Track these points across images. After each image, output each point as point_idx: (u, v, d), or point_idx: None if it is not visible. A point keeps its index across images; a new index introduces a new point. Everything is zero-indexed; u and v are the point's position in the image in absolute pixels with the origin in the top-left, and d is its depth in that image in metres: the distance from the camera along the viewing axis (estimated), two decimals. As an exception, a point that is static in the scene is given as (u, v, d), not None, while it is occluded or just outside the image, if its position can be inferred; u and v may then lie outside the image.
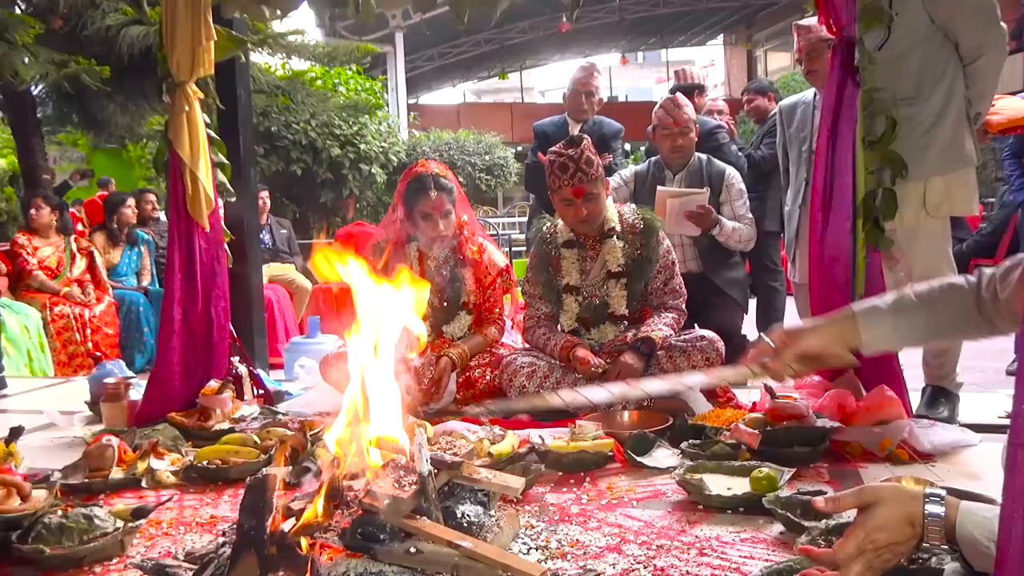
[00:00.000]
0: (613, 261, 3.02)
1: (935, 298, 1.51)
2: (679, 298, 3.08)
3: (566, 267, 3.06)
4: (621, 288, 3.01)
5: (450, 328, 3.20)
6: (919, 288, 1.54)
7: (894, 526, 1.20)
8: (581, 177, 2.90)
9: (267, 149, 9.48)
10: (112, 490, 2.25)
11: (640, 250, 3.03)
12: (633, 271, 3.02)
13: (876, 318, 1.53)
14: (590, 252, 3.07)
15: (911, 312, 1.52)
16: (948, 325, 1.53)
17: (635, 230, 3.05)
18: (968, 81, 2.69)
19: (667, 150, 3.79)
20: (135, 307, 5.82)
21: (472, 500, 1.69)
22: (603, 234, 3.04)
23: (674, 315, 3.02)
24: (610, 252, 3.02)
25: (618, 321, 3.04)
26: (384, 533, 1.47)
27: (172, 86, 3.03)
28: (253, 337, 3.77)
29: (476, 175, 12.80)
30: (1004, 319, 1.45)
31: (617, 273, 3.01)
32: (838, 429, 2.29)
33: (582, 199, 2.93)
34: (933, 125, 2.66)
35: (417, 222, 3.12)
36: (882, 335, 1.53)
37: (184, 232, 3.05)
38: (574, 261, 3.06)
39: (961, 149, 2.69)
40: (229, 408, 2.90)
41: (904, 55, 2.62)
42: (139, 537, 1.87)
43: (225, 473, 2.31)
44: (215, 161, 3.17)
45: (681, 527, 1.81)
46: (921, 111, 2.66)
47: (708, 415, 2.60)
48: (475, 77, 24.62)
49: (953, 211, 2.74)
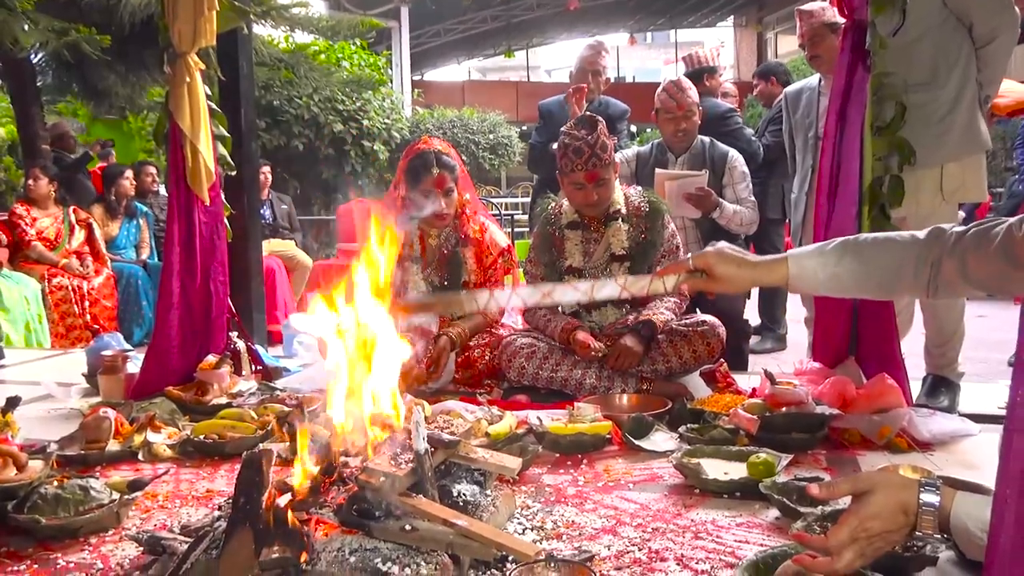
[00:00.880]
0: (617, 244, 3.01)
1: (872, 251, 1.54)
2: None
3: (569, 248, 3.06)
4: (624, 271, 3.01)
5: (450, 307, 3.20)
6: (863, 238, 1.57)
7: (888, 514, 1.21)
8: (595, 162, 2.88)
9: (269, 123, 9.44)
10: (108, 462, 2.26)
11: (645, 233, 3.02)
12: (637, 254, 3.02)
13: (807, 262, 1.59)
14: (594, 234, 3.07)
15: (842, 256, 1.56)
16: (879, 277, 1.55)
17: (640, 213, 3.04)
18: (980, 64, 2.68)
19: (670, 133, 3.78)
20: (134, 280, 5.83)
21: (468, 479, 1.70)
22: (608, 216, 3.04)
23: (676, 299, 3.02)
24: (615, 235, 3.02)
25: (619, 304, 3.04)
26: (380, 510, 1.48)
27: (173, 56, 3.01)
28: (252, 312, 3.78)
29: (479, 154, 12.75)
30: (968, 284, 1.46)
31: (621, 256, 3.01)
32: (837, 416, 2.30)
33: (594, 184, 2.91)
34: (950, 111, 2.66)
35: (418, 200, 3.11)
36: (810, 281, 1.59)
37: (184, 205, 3.05)
38: (577, 243, 3.06)
39: (976, 134, 2.69)
40: (227, 383, 2.91)
41: (918, 40, 2.61)
42: (135, 509, 1.89)
43: (221, 448, 2.33)
44: (216, 134, 3.16)
45: (677, 510, 1.82)
46: (937, 97, 2.65)
47: (707, 400, 2.61)
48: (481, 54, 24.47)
49: (966, 197, 2.74)
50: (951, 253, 1.45)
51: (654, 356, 2.92)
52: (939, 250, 1.47)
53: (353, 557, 1.39)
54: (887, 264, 1.52)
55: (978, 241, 1.42)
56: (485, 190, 13.83)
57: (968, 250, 1.43)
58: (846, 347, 2.63)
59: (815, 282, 1.59)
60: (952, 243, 1.46)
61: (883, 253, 1.52)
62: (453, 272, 3.21)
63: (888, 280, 1.53)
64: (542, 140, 4.44)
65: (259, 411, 2.61)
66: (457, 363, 3.08)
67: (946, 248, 1.46)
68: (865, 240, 1.55)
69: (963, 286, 1.46)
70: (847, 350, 2.63)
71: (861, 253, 1.53)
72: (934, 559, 1.41)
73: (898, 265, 1.51)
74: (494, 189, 15.24)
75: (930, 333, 2.85)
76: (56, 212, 5.66)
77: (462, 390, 3.03)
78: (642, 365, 2.90)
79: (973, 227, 1.45)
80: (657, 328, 2.89)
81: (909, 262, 1.50)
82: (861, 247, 1.54)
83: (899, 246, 1.51)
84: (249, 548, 1.34)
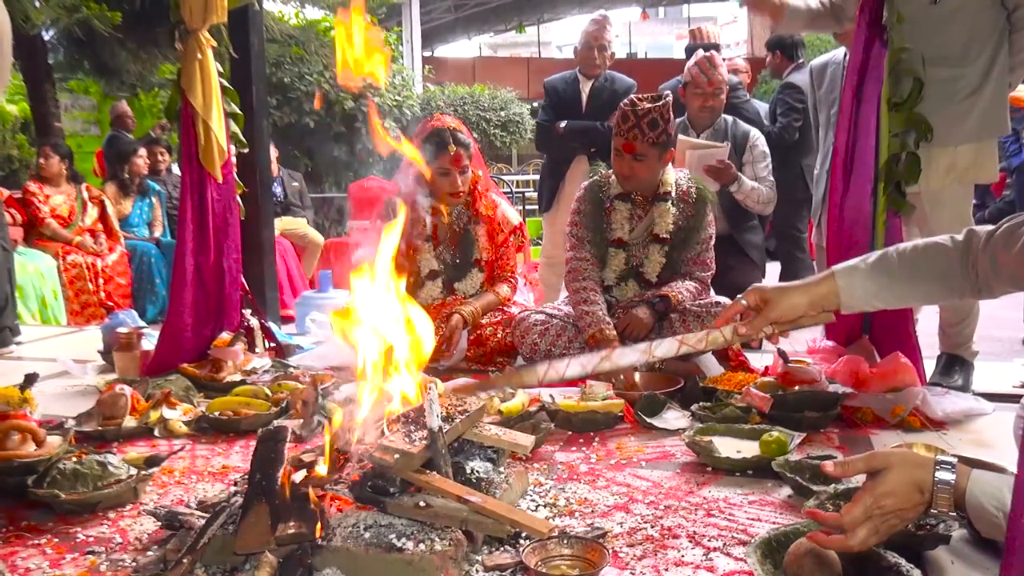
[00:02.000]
0: (663, 225, 2.99)
1: (918, 259, 1.51)
2: (707, 271, 3.07)
3: (617, 220, 3.04)
4: (661, 254, 3.00)
5: (462, 285, 3.21)
6: (902, 248, 1.53)
7: (903, 492, 1.21)
8: (636, 134, 2.85)
9: (280, 100, 9.41)
10: (125, 438, 2.29)
11: (689, 220, 3.01)
12: (678, 239, 3.01)
13: (855, 279, 1.52)
14: (639, 210, 3.05)
15: (892, 272, 1.52)
16: (928, 287, 1.53)
17: (688, 198, 3.02)
18: (1013, 48, 2.63)
19: (696, 108, 3.76)
20: (147, 258, 5.86)
21: (482, 457, 1.71)
22: (657, 196, 3.02)
23: (697, 285, 3.02)
24: (661, 216, 3.00)
25: (645, 284, 3.04)
26: (394, 487, 1.50)
27: (184, 33, 3.01)
28: (265, 290, 3.79)
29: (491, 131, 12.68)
30: (1001, 281, 1.45)
31: (663, 239, 2.99)
32: (850, 395, 2.29)
33: (631, 156, 2.89)
34: (975, 91, 2.61)
35: (434, 177, 3.10)
36: (861, 296, 1.52)
37: (196, 183, 3.05)
38: (626, 215, 3.04)
39: (998, 117, 2.65)
40: (241, 360, 2.93)
41: (953, 14, 2.56)
42: (152, 485, 1.91)
43: (236, 424, 2.35)
44: (228, 111, 3.15)
45: (689, 488, 1.83)
46: (965, 75, 2.61)
47: (720, 378, 2.61)
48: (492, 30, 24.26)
49: (979, 178, 2.71)
50: (983, 252, 1.45)
51: (665, 335, 2.92)
52: (974, 250, 1.46)
53: (368, 533, 1.40)
54: (935, 269, 1.50)
55: (1007, 239, 1.41)
56: (496, 168, 13.76)
57: (998, 248, 1.42)
58: (860, 326, 2.62)
59: (865, 294, 1.52)
60: (984, 242, 1.45)
61: (929, 260, 1.50)
62: (465, 250, 3.20)
63: (938, 285, 1.51)
64: (548, 119, 4.41)
65: (273, 388, 2.63)
66: (469, 341, 3.09)
67: (978, 248, 1.45)
68: (908, 248, 1.52)
69: (998, 283, 1.45)
70: (861, 329, 2.62)
71: (908, 262, 1.50)
72: (947, 537, 1.41)
73: (945, 269, 1.49)
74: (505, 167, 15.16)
75: (945, 312, 2.83)
76: (69, 190, 5.68)
77: (474, 368, 3.04)
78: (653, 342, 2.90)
79: (1004, 224, 1.44)
80: (672, 303, 2.89)
81: (955, 265, 1.48)
82: (906, 255, 1.51)
83: (942, 251, 1.50)
84: (265, 523, 1.36)
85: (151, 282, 5.83)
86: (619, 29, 23.70)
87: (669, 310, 2.90)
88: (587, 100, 4.36)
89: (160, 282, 5.82)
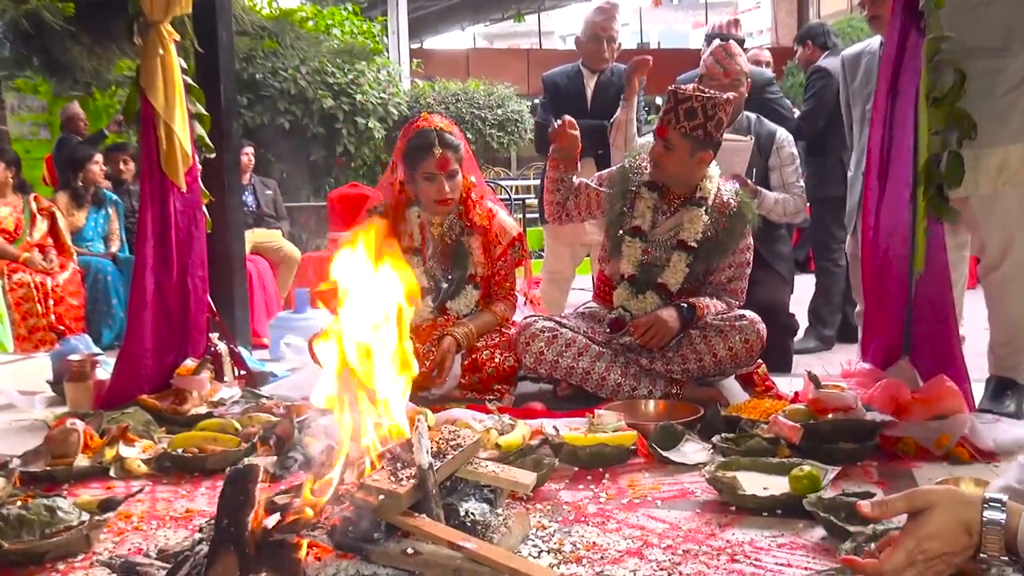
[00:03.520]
0: (691, 232, 3.01)
1: None
2: (736, 301, 3.09)
3: (640, 208, 3.06)
4: (685, 263, 3.01)
5: (455, 304, 3.21)
6: None
7: (949, 534, 1.21)
8: (670, 119, 2.90)
9: (251, 99, 9.46)
10: (77, 479, 2.28)
11: (720, 232, 3.02)
12: (703, 251, 3.02)
13: None
14: (666, 205, 3.08)
15: None
16: None
17: (725, 209, 3.03)
18: None
19: None
20: (103, 276, 5.86)
21: (477, 497, 1.70)
22: (691, 199, 3.04)
23: (724, 306, 3.04)
24: (691, 221, 3.01)
25: (665, 296, 3.04)
26: (379, 532, 1.49)
27: (144, 26, 3.02)
28: (234, 311, 3.79)
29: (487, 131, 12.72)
30: None
31: (690, 247, 3.01)
32: (890, 423, 2.29)
33: (661, 140, 2.94)
34: (1019, 84, 2.63)
35: (419, 184, 3.12)
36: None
37: (158, 192, 3.06)
38: (651, 205, 3.07)
39: None
40: (207, 390, 2.93)
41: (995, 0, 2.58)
42: (107, 532, 1.90)
43: (202, 463, 2.34)
44: (192, 112, 3.16)
45: (711, 530, 1.82)
46: (1008, 66, 2.62)
47: (743, 406, 2.61)
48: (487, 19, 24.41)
49: None
50: None
51: (685, 354, 2.93)
52: None
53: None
54: None
55: None
56: (493, 172, 13.81)
57: None
58: (900, 345, 2.62)
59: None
60: None
61: None
62: (457, 264, 3.21)
63: None
64: (548, 117, 4.43)
65: (243, 421, 2.63)
66: (463, 366, 3.09)
67: None
68: None
69: None
70: (901, 349, 2.62)
71: None
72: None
73: None
74: (503, 171, 15.21)
75: (994, 330, 2.83)
76: (15, 201, 5.68)
77: (469, 396, 3.03)
78: (671, 363, 2.91)
79: None
80: (700, 313, 2.90)
81: None
82: None
83: None
84: (234, 574, 1.35)
85: (107, 303, 5.82)
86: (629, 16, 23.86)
87: (696, 319, 2.92)
88: (592, 96, 4.38)
89: (117, 303, 5.81)
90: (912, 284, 2.51)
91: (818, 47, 5.08)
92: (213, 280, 3.30)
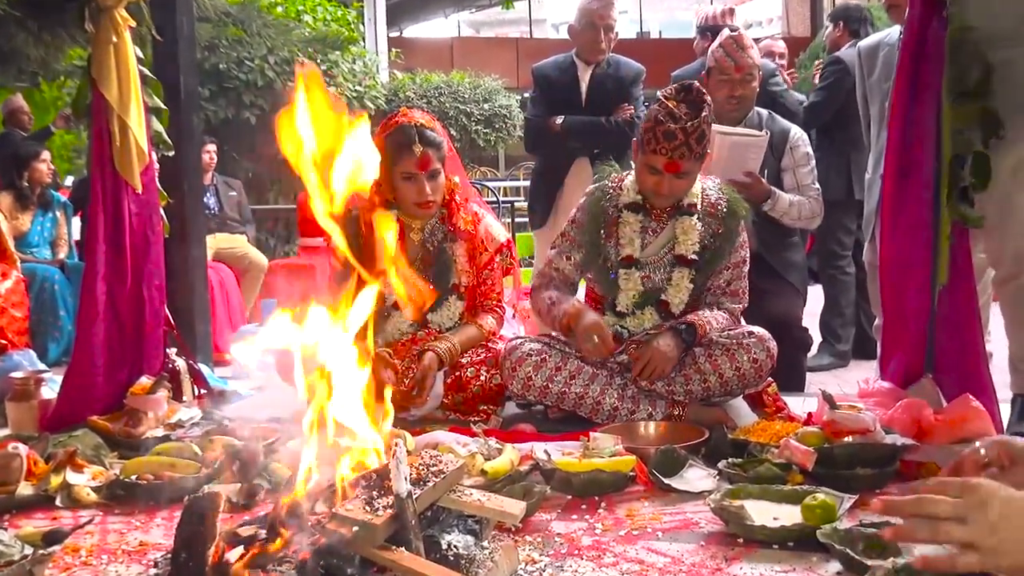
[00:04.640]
0: (687, 245, 3.01)
1: None
2: (738, 303, 3.10)
3: (626, 234, 3.05)
4: (688, 280, 3.01)
5: (437, 317, 3.21)
6: None
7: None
8: (684, 152, 2.83)
9: (213, 91, 9.45)
10: (19, 509, 2.27)
11: (716, 239, 3.02)
12: (703, 263, 3.02)
13: None
14: (654, 223, 3.07)
15: None
16: None
17: (716, 212, 3.04)
18: None
19: (722, 99, 3.72)
20: (49, 284, 5.83)
21: (461, 528, 1.70)
22: (679, 209, 3.03)
23: (727, 317, 3.03)
24: (685, 233, 3.01)
25: (666, 314, 3.04)
26: (352, 567, 1.49)
27: (96, 12, 3.02)
28: (194, 324, 3.78)
29: (472, 128, 12.76)
30: None
31: (690, 261, 3.00)
32: (911, 447, 2.30)
33: (673, 175, 2.89)
34: None
35: (397, 184, 3.12)
36: None
37: (110, 193, 3.05)
38: (637, 229, 3.05)
39: None
40: (163, 411, 2.92)
41: None
42: (52, 567, 1.88)
43: (158, 491, 2.33)
44: (149, 105, 3.17)
45: (716, 564, 1.82)
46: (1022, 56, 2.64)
47: (752, 428, 2.61)
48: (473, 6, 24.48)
49: None
50: None
51: (688, 374, 2.93)
52: None
53: (320, 624, 1.39)
54: None
55: None
56: (479, 172, 13.83)
57: None
58: (922, 363, 2.63)
59: None
60: None
61: None
62: (440, 273, 3.21)
63: None
64: (539, 113, 4.44)
65: (204, 445, 2.61)
66: (446, 385, 3.08)
67: None
68: None
69: None
70: (923, 366, 2.63)
71: None
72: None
73: None
74: (490, 171, 15.25)
75: (1014, 345, 2.82)
76: (-47, 203, 5.66)
77: (452, 418, 3.03)
78: (673, 384, 2.91)
79: None
80: (700, 334, 2.89)
81: None
82: None
83: None
84: (192, 614, 1.35)
85: (54, 314, 5.79)
86: (628, 3, 23.98)
87: (696, 341, 2.91)
88: (587, 90, 4.39)
89: (65, 315, 5.78)
90: (935, 296, 2.52)
91: (849, 32, 4.99)
92: (171, 290, 3.30)
